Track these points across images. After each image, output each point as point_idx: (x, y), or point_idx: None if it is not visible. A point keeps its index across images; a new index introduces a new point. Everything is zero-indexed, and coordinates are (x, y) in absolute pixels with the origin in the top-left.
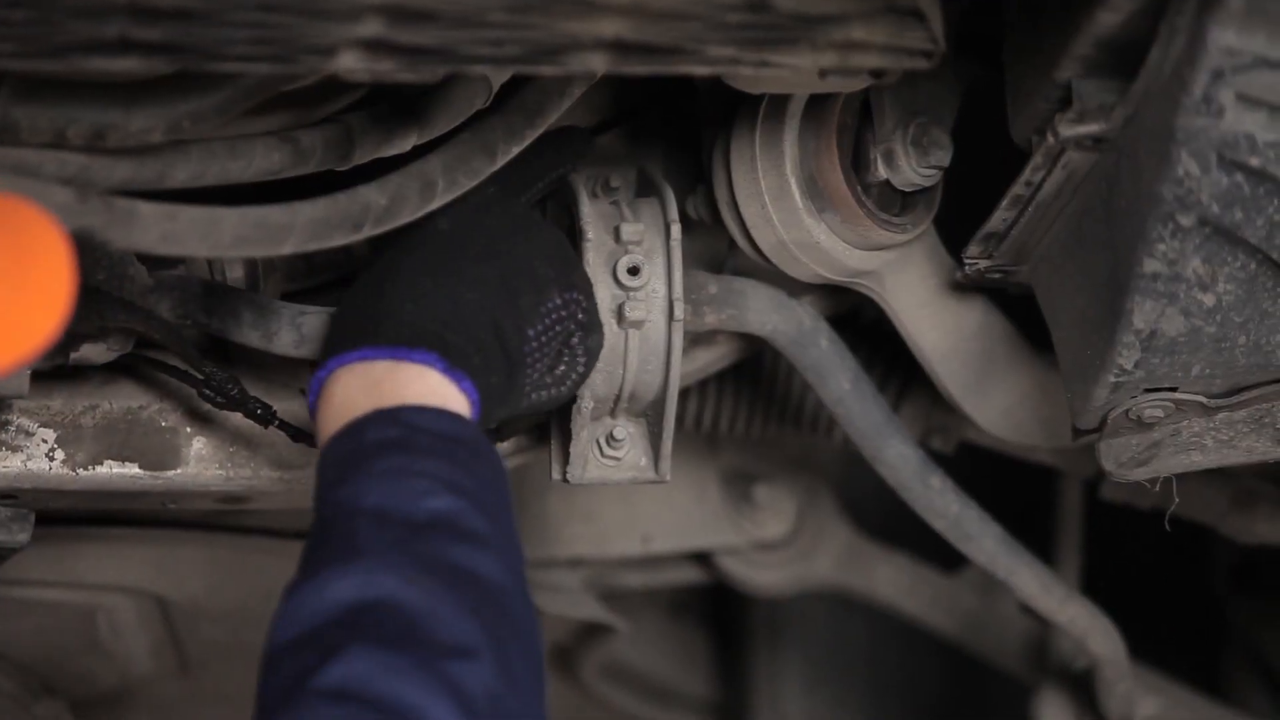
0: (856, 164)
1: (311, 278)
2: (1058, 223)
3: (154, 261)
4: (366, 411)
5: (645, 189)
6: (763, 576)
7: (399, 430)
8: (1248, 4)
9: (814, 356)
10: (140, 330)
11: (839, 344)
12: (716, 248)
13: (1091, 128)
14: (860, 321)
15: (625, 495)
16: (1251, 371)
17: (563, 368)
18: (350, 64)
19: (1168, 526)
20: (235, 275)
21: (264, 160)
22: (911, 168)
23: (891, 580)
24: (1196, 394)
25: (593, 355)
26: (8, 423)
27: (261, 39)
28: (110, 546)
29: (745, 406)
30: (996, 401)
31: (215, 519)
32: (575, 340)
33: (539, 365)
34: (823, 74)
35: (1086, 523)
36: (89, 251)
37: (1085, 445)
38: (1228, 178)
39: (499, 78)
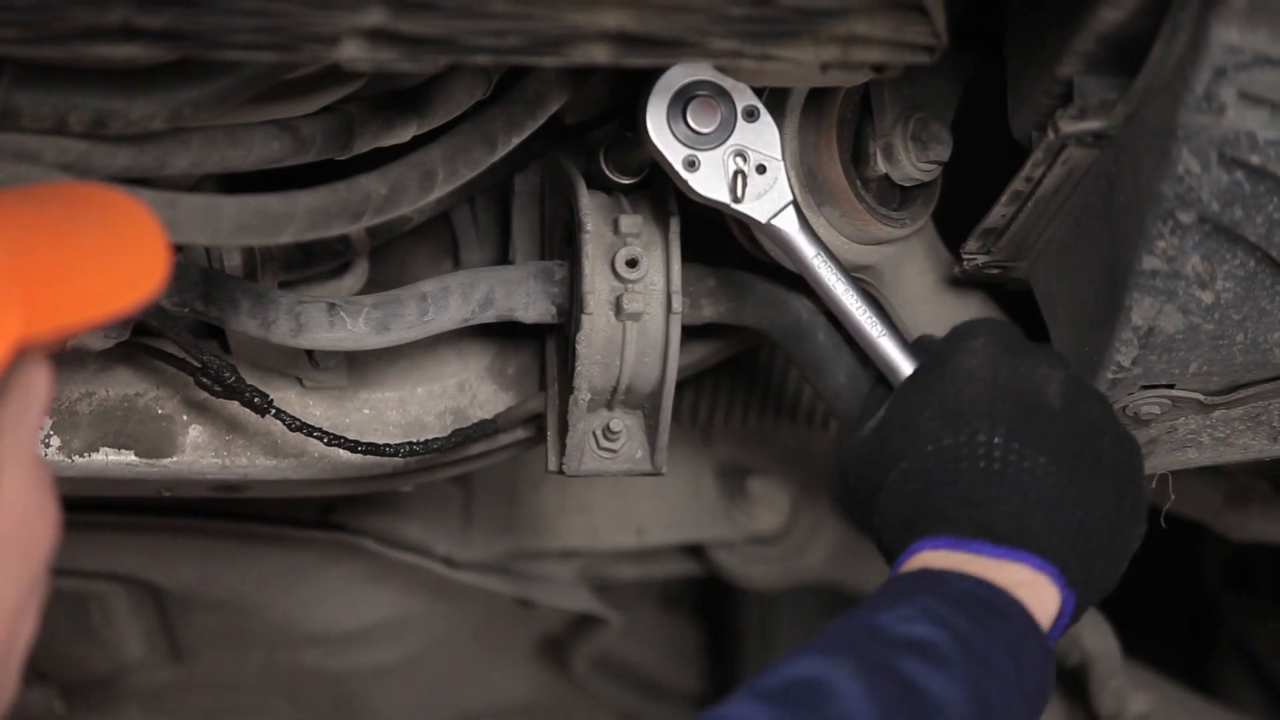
0: (856, 158)
1: (310, 267)
2: (1057, 219)
3: None
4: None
5: (644, 181)
6: (756, 570)
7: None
8: (1250, 2)
9: (811, 350)
10: (138, 317)
11: (836, 338)
12: (716, 241)
13: (1092, 124)
14: None
15: (619, 488)
16: (1249, 369)
17: None
18: (352, 53)
19: (1163, 524)
20: (233, 264)
21: (264, 149)
22: (911, 162)
23: (885, 574)
24: (1194, 391)
25: None
26: None
27: (264, 27)
28: (104, 533)
29: (741, 399)
30: None
31: (210, 507)
32: None
33: None
34: (824, 68)
35: None
36: None
37: None
38: (1228, 175)
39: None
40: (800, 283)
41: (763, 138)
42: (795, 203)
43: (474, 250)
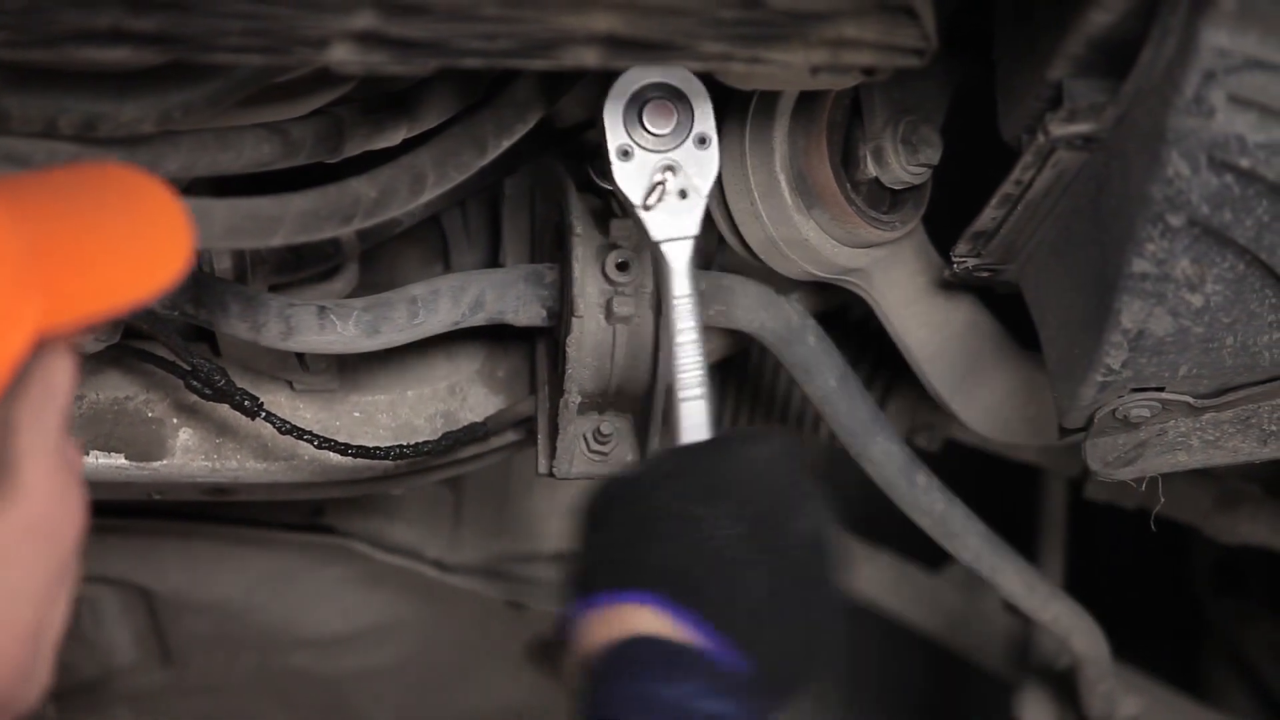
0: (846, 161)
1: (300, 270)
2: (1047, 222)
3: None
4: None
5: None
6: None
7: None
8: (1240, 5)
9: (801, 353)
10: (128, 320)
11: (826, 341)
12: (705, 244)
13: (1082, 127)
14: (848, 319)
15: None
16: (1238, 372)
17: None
18: (342, 56)
19: (1153, 526)
20: (224, 266)
21: (254, 152)
22: (901, 166)
23: (875, 577)
24: (1183, 394)
25: None
26: None
27: (254, 30)
28: (94, 537)
29: (731, 402)
30: (982, 400)
31: (200, 510)
32: None
33: None
34: (814, 71)
35: (1070, 522)
36: None
37: (1071, 444)
38: (1217, 178)
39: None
40: (791, 285)
41: (701, 167)
42: (698, 240)
43: (464, 253)
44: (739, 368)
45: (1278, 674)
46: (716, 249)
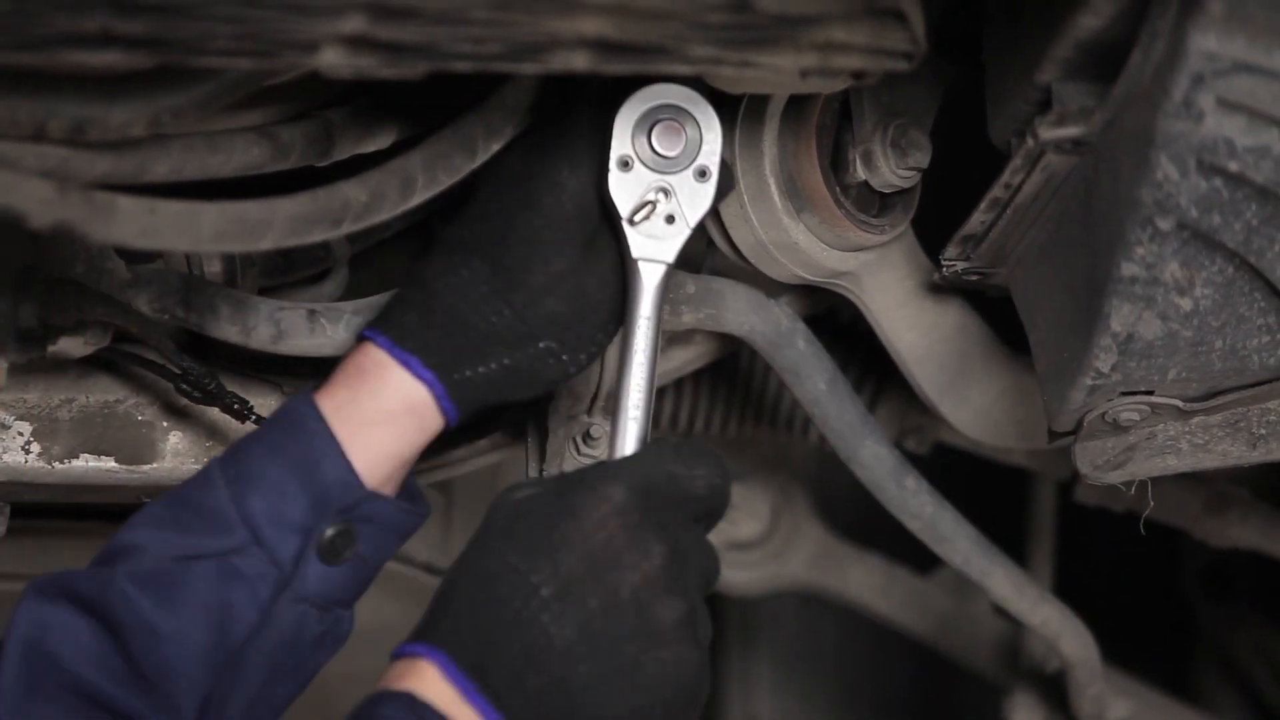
0: (835, 165)
1: (290, 273)
2: (1036, 225)
3: (132, 255)
4: None
5: None
6: (736, 576)
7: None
8: (1228, 9)
9: (791, 357)
10: (118, 324)
11: (816, 344)
12: (694, 247)
13: (1071, 131)
14: (837, 322)
15: None
16: (1227, 376)
17: None
18: (332, 60)
19: (1142, 530)
20: (213, 270)
21: (243, 155)
22: (890, 169)
23: (865, 580)
24: (1172, 398)
25: None
26: None
27: (243, 34)
28: (85, 540)
29: (721, 406)
30: (972, 403)
31: None
32: None
33: None
34: (803, 75)
35: (1059, 525)
36: (68, 245)
37: (1060, 448)
38: (1206, 182)
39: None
40: (780, 289)
41: (693, 199)
42: (670, 268)
43: None
44: (728, 371)
45: (1267, 677)
46: (706, 252)
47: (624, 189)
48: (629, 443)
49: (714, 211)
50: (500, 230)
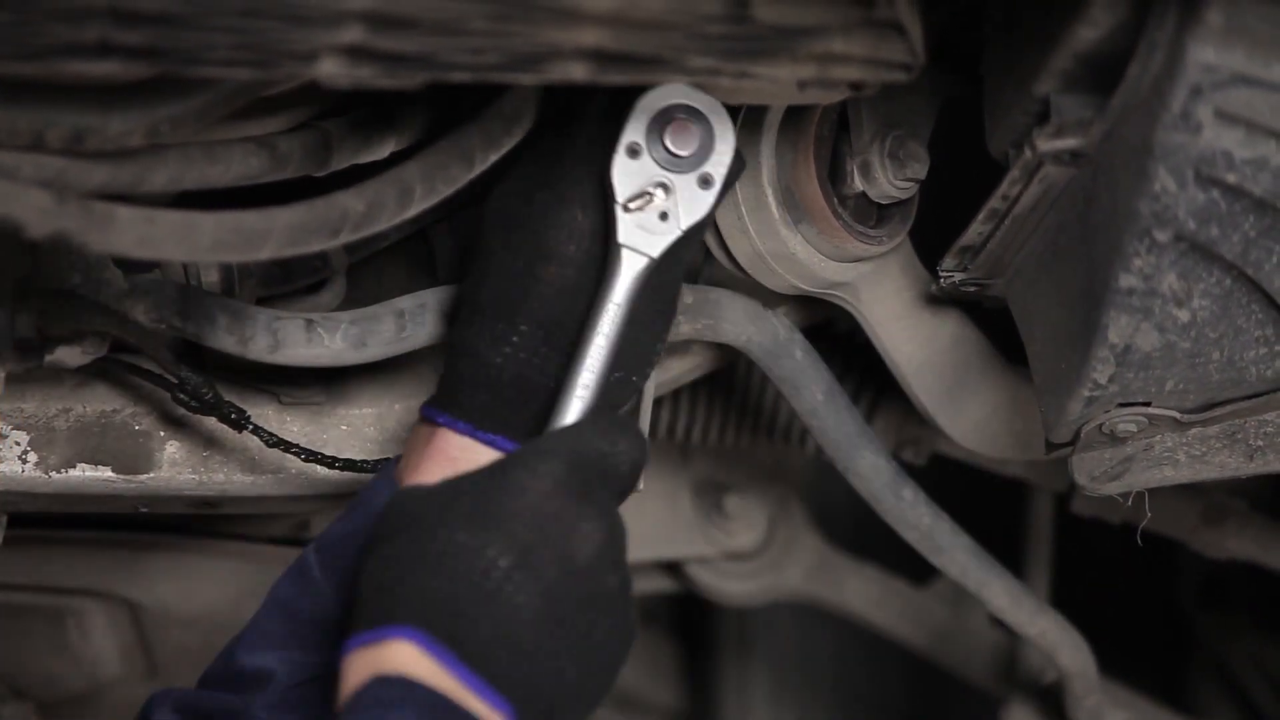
0: (833, 176)
1: (287, 283)
2: (1034, 237)
3: (130, 265)
4: None
5: None
6: (732, 586)
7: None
8: (1226, 21)
9: (788, 367)
10: (115, 334)
11: (813, 355)
12: (693, 258)
13: (1069, 142)
14: (834, 333)
15: None
16: (1225, 387)
17: None
18: (330, 70)
19: (1139, 541)
20: (211, 280)
21: (241, 165)
22: (888, 180)
23: (861, 591)
24: (1170, 409)
25: None
26: None
27: (242, 44)
28: (81, 550)
29: (718, 416)
30: (969, 414)
31: (187, 523)
32: None
33: None
34: (802, 86)
35: (1056, 536)
36: (66, 254)
37: (1057, 459)
38: (1204, 194)
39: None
40: (778, 299)
41: (691, 203)
42: (653, 263)
43: (451, 268)
44: (726, 382)
45: (1263, 688)
46: (703, 263)
47: (626, 174)
48: (568, 416)
49: (712, 222)
50: (534, 289)
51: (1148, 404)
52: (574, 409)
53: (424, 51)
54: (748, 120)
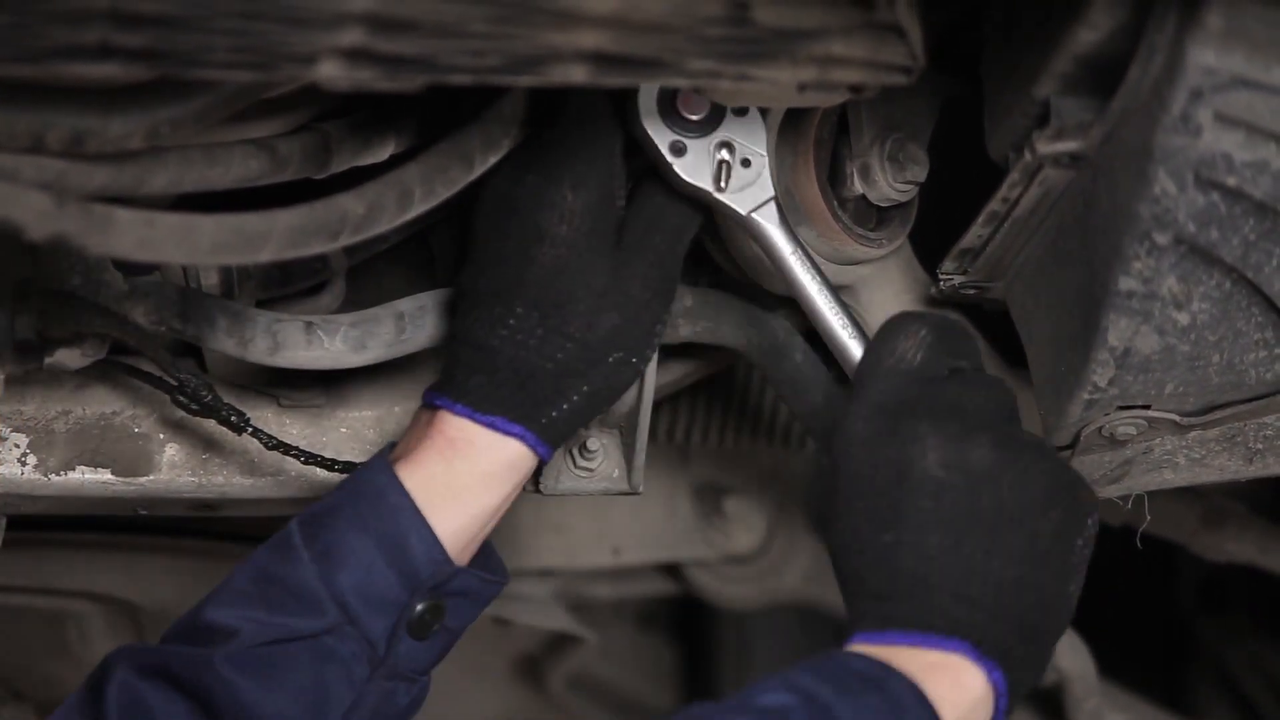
0: (833, 179)
1: (287, 286)
2: (1033, 239)
3: (130, 267)
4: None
5: None
6: (732, 589)
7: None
8: (1226, 24)
9: (788, 370)
10: (115, 336)
11: (813, 358)
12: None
13: (1069, 145)
14: None
15: (596, 507)
16: (1224, 390)
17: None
18: (331, 72)
19: (1139, 544)
20: (210, 282)
21: (241, 167)
22: (888, 183)
23: None
24: (1169, 412)
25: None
26: None
27: (242, 46)
28: (80, 552)
29: (718, 419)
30: None
31: (186, 525)
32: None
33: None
34: (801, 88)
35: None
36: (65, 257)
37: None
38: (1204, 197)
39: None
40: (778, 302)
41: (750, 132)
42: (776, 199)
43: (451, 270)
44: (725, 384)
45: (1263, 691)
46: (704, 265)
47: (693, 169)
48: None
49: (712, 226)
50: (528, 271)
51: (1147, 407)
52: (855, 349)
53: (424, 54)
54: None
